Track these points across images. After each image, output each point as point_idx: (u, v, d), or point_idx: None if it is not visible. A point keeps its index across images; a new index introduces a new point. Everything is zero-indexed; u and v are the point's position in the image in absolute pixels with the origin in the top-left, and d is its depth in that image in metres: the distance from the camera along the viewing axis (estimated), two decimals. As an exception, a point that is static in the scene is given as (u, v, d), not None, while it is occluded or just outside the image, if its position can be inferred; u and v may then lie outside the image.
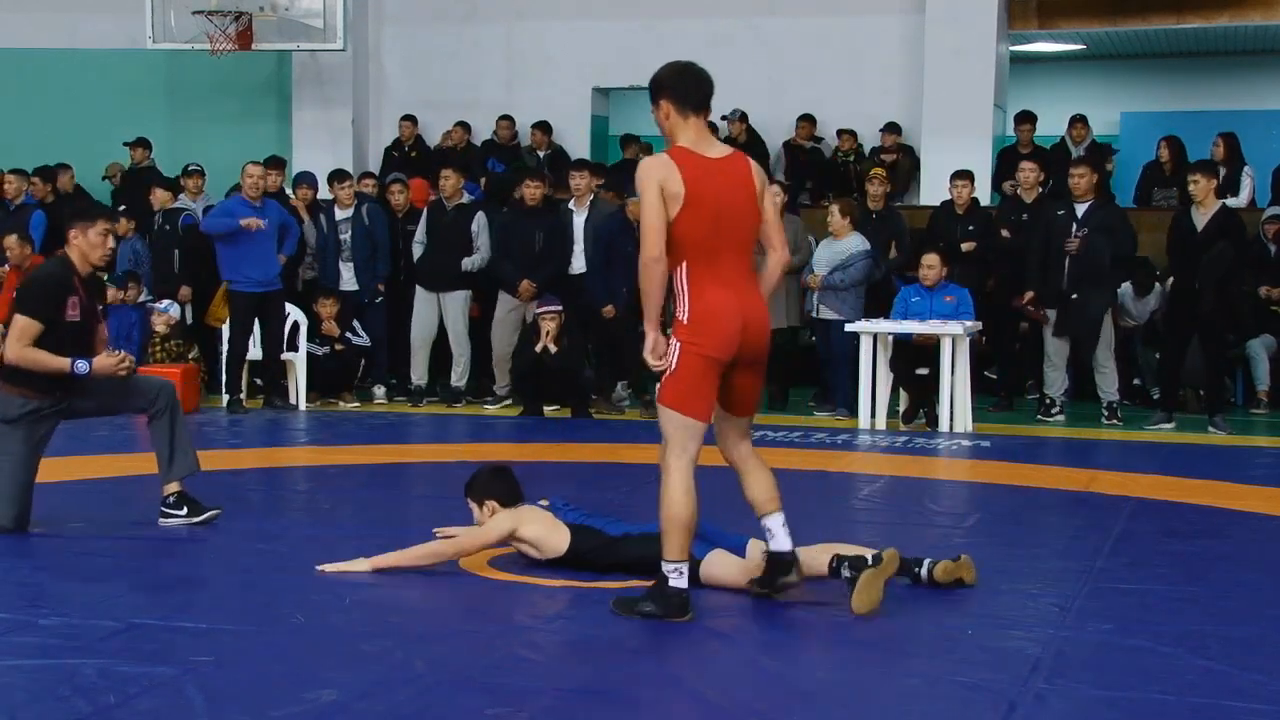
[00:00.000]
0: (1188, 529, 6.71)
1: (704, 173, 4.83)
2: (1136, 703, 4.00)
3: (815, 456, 8.85)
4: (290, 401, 11.14)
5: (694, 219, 4.78)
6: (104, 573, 5.55)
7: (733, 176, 4.91)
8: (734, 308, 4.81)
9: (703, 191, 4.80)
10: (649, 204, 4.78)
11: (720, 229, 4.83)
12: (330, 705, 3.88)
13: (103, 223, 6.29)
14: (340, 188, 11.78)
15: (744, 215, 4.90)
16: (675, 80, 4.98)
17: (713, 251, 4.83)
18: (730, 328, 4.80)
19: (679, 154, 4.86)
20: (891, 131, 13.82)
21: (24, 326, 6.11)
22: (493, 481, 5.76)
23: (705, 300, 4.80)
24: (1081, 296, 10.25)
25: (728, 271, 4.85)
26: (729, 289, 4.83)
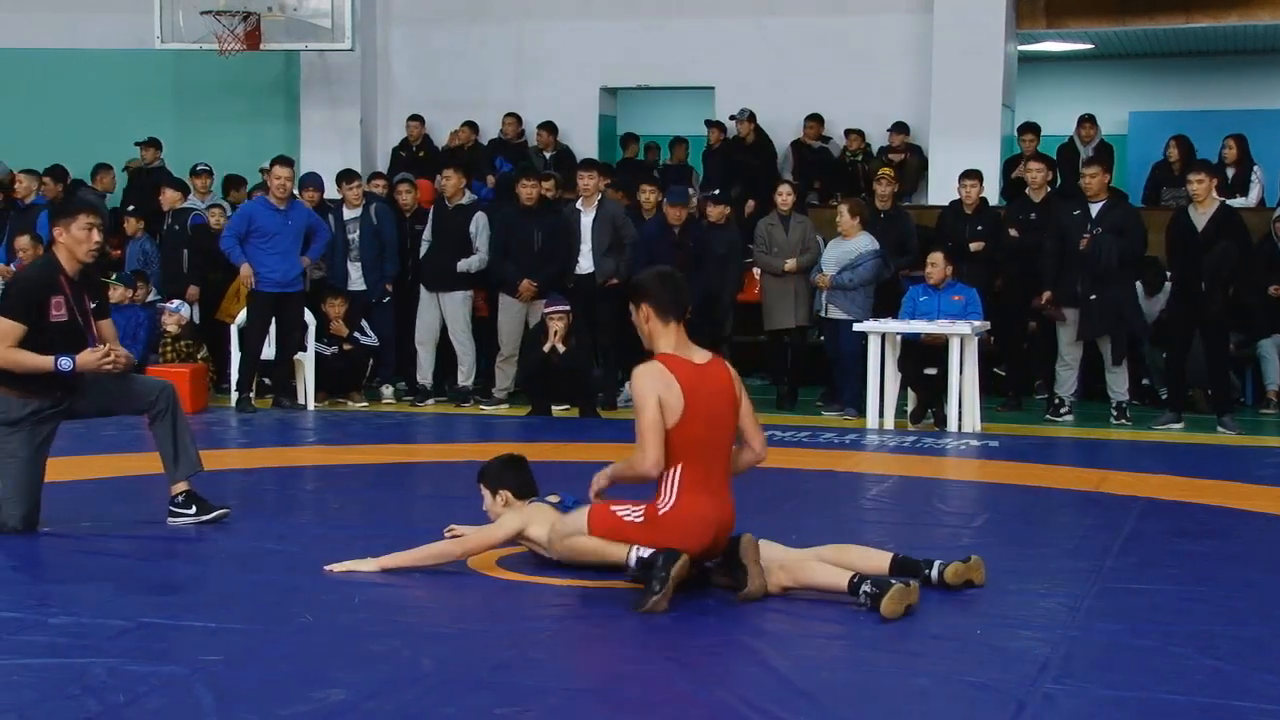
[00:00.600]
0: (1197, 529, 6.70)
1: (697, 381, 5.07)
2: (1145, 702, 4.00)
3: (823, 456, 8.85)
4: (298, 401, 11.15)
5: (691, 427, 5.02)
6: (113, 572, 5.56)
7: (716, 383, 5.14)
8: (712, 521, 5.07)
9: (698, 400, 5.03)
10: (649, 417, 4.98)
11: (710, 436, 5.08)
12: (339, 704, 3.88)
13: (84, 216, 6.16)
14: (348, 188, 11.79)
15: (730, 422, 5.17)
16: (657, 288, 5.20)
17: (705, 458, 5.07)
18: (703, 539, 5.06)
19: (672, 363, 5.08)
20: (899, 131, 13.81)
21: (5, 329, 6.05)
22: (507, 471, 5.78)
23: (690, 507, 5.05)
24: (1100, 296, 10.24)
25: (714, 478, 5.12)
26: (713, 498, 5.09)
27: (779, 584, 5.11)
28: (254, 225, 10.81)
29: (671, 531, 5.03)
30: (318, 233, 11.19)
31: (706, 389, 5.09)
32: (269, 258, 10.75)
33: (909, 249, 11.31)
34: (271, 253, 10.76)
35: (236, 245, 10.82)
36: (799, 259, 11.05)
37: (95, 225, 6.19)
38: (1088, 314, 10.34)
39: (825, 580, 5.07)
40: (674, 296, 5.18)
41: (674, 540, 5.00)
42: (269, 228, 10.79)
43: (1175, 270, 10.49)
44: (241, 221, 10.94)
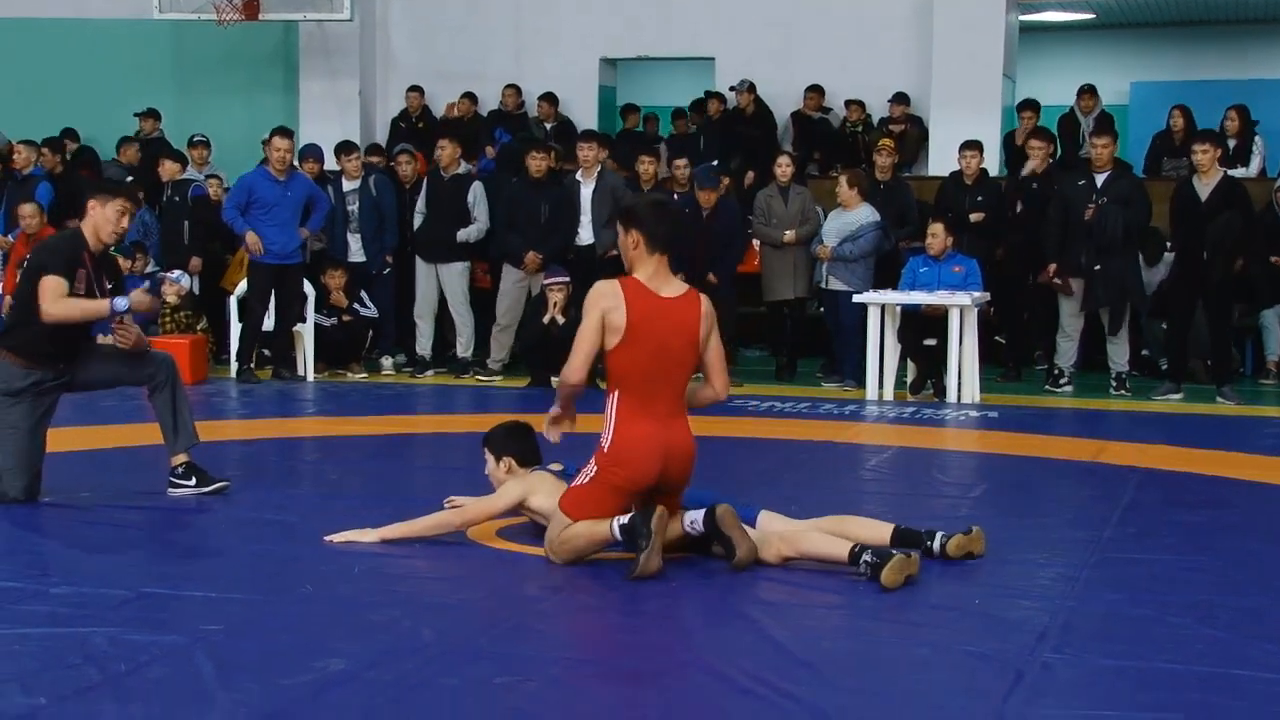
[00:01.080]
0: (1196, 499, 6.71)
1: (652, 311, 5.05)
2: (1144, 671, 4.01)
3: (823, 427, 8.86)
4: (298, 372, 11.15)
5: (631, 355, 5.04)
6: (113, 542, 5.57)
7: (679, 318, 5.11)
8: (658, 443, 5.04)
9: (645, 331, 5.02)
10: (586, 327, 5.04)
11: (656, 367, 5.06)
12: (339, 674, 3.89)
13: (122, 200, 6.22)
14: (348, 159, 11.77)
15: (682, 358, 5.13)
16: (651, 215, 5.17)
17: (645, 387, 5.06)
18: (649, 464, 5.03)
19: (632, 288, 5.08)
20: (900, 102, 13.76)
21: (54, 284, 6.05)
22: (512, 438, 5.77)
23: (630, 434, 5.03)
24: (1104, 267, 10.23)
25: (657, 406, 5.08)
26: (656, 423, 5.05)
27: (779, 554, 5.12)
28: (254, 196, 10.80)
29: (620, 463, 5.03)
30: (318, 204, 11.17)
31: (663, 322, 5.07)
32: (269, 229, 10.74)
33: (909, 220, 11.29)
34: (271, 224, 10.76)
35: (239, 216, 10.81)
36: (798, 230, 11.04)
37: (128, 212, 6.27)
38: (1092, 285, 10.33)
39: (826, 551, 5.08)
40: (666, 229, 5.17)
41: (626, 471, 5.02)
42: (269, 199, 10.78)
43: (1178, 241, 10.48)
44: (242, 192, 10.93)
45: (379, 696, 3.73)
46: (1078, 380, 10.72)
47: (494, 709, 3.68)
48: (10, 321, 6.35)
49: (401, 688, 3.80)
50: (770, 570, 5.07)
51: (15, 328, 6.24)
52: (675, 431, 5.11)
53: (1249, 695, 3.82)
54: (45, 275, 6.08)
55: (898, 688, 3.92)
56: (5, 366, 6.18)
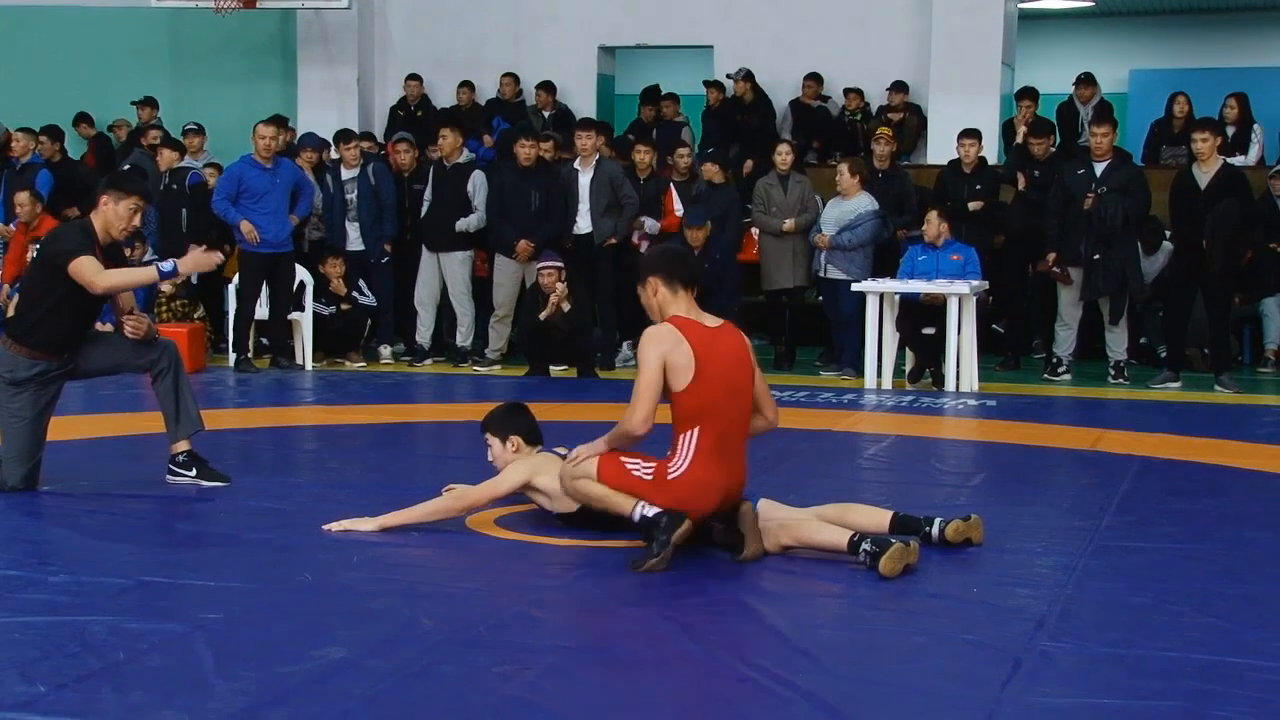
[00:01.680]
0: (1194, 487, 6.72)
1: (710, 343, 5.03)
2: (1142, 659, 4.02)
3: (822, 416, 8.86)
4: (296, 361, 11.16)
5: (702, 390, 4.98)
6: (113, 531, 5.57)
7: (730, 347, 5.12)
8: (722, 488, 5.04)
9: (712, 362, 5.00)
10: (647, 379, 4.97)
11: (727, 399, 5.04)
12: (338, 662, 3.90)
13: (136, 198, 6.21)
14: (346, 148, 11.75)
15: (746, 387, 5.13)
16: (663, 260, 5.22)
17: (721, 421, 5.02)
18: (708, 506, 5.04)
19: (683, 323, 5.05)
20: (899, 90, 13.75)
21: (88, 263, 6.03)
22: (514, 417, 5.73)
23: (701, 476, 5.00)
24: (1104, 256, 10.23)
25: (732, 443, 5.07)
26: (726, 465, 5.05)
27: (779, 543, 5.13)
28: (243, 185, 10.79)
29: (679, 495, 4.99)
30: (303, 190, 11.18)
31: (720, 352, 5.05)
32: (260, 218, 10.73)
33: (907, 209, 11.28)
34: (262, 213, 10.75)
35: (230, 206, 10.80)
36: (797, 219, 11.03)
37: (139, 210, 6.26)
38: (1092, 274, 10.33)
39: (826, 539, 5.08)
40: (681, 266, 5.18)
41: (680, 503, 4.98)
42: (258, 187, 10.77)
43: (1177, 229, 10.47)
44: (231, 183, 10.91)
45: (378, 685, 3.74)
46: (1076, 369, 10.73)
47: (493, 697, 3.68)
48: (17, 312, 6.35)
49: (401, 676, 3.81)
50: (769, 559, 5.08)
51: (22, 317, 6.25)
52: (736, 473, 5.12)
53: (1246, 683, 3.83)
54: (73, 259, 6.05)
55: (896, 676, 3.92)
56: (11, 356, 6.18)
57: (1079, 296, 10.51)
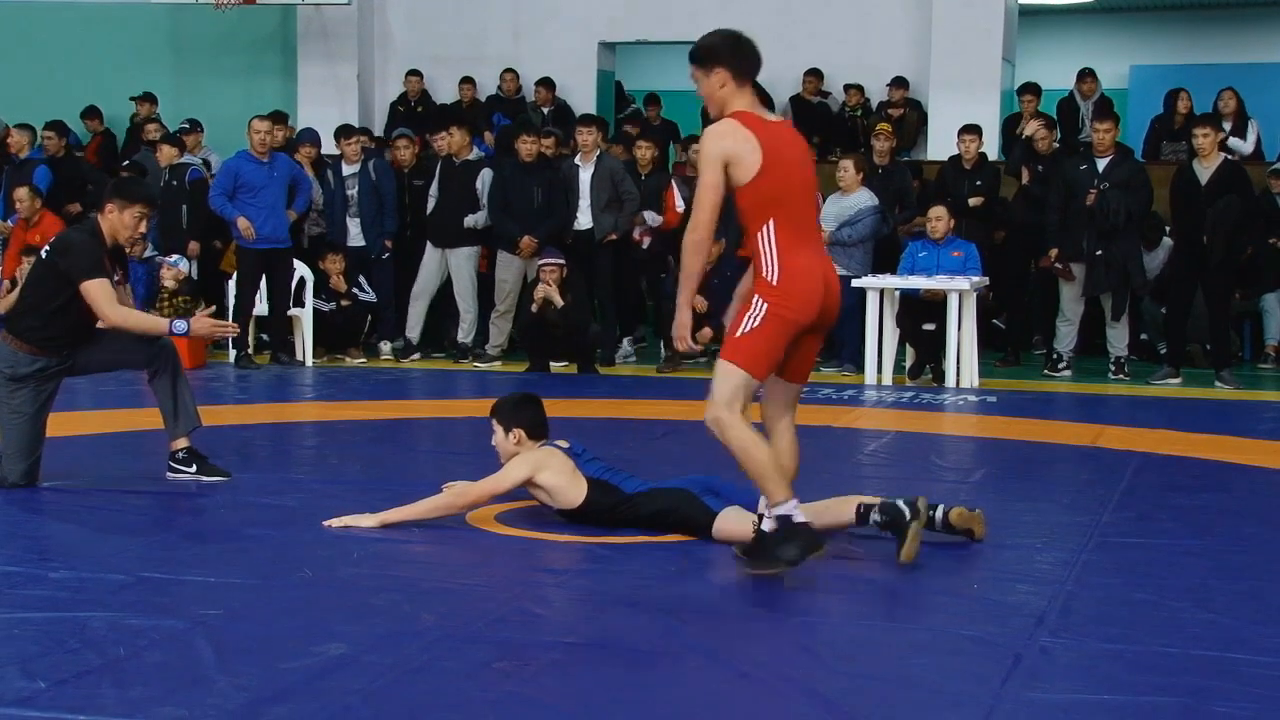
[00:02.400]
0: (1193, 483, 6.72)
1: (775, 134, 4.80)
2: (1141, 655, 4.02)
3: (822, 412, 8.86)
4: (297, 357, 11.16)
5: (776, 179, 4.72)
6: (113, 527, 5.57)
7: (795, 139, 4.93)
8: (818, 270, 4.78)
9: (779, 152, 4.75)
10: (709, 179, 4.71)
11: (799, 190, 4.80)
12: (339, 658, 3.90)
13: (140, 206, 6.20)
14: (347, 143, 11.75)
15: (810, 177, 4.92)
16: (733, 48, 4.94)
17: (797, 210, 4.77)
18: (816, 290, 4.73)
19: (746, 118, 4.80)
20: (899, 86, 13.74)
21: (101, 289, 6.04)
22: (522, 409, 5.67)
23: (795, 262, 4.72)
24: (1106, 252, 10.23)
25: (808, 232, 4.85)
26: (812, 250, 4.82)
27: None
28: (240, 180, 10.80)
29: (790, 294, 4.68)
30: (300, 185, 11.18)
31: (787, 142, 4.84)
32: (256, 213, 10.74)
33: (907, 204, 11.28)
34: (259, 208, 10.76)
35: (227, 202, 10.81)
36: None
37: (145, 217, 6.27)
38: (1094, 270, 10.33)
39: (832, 519, 5.12)
40: (751, 58, 4.95)
41: (796, 302, 4.69)
42: (255, 181, 10.78)
43: (1178, 225, 10.47)
44: (228, 178, 10.91)
45: (379, 680, 3.74)
46: (1076, 365, 10.73)
47: (494, 693, 3.68)
48: (19, 308, 6.34)
49: (401, 671, 3.81)
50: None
51: (24, 314, 6.23)
52: (827, 259, 4.93)
53: (1246, 679, 3.83)
54: (87, 280, 6.05)
55: (896, 672, 3.92)
56: (11, 352, 6.18)
57: (1081, 292, 10.51)
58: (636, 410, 8.87)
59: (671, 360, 10.82)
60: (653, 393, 9.69)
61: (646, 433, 8.00)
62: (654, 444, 7.69)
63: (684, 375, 10.57)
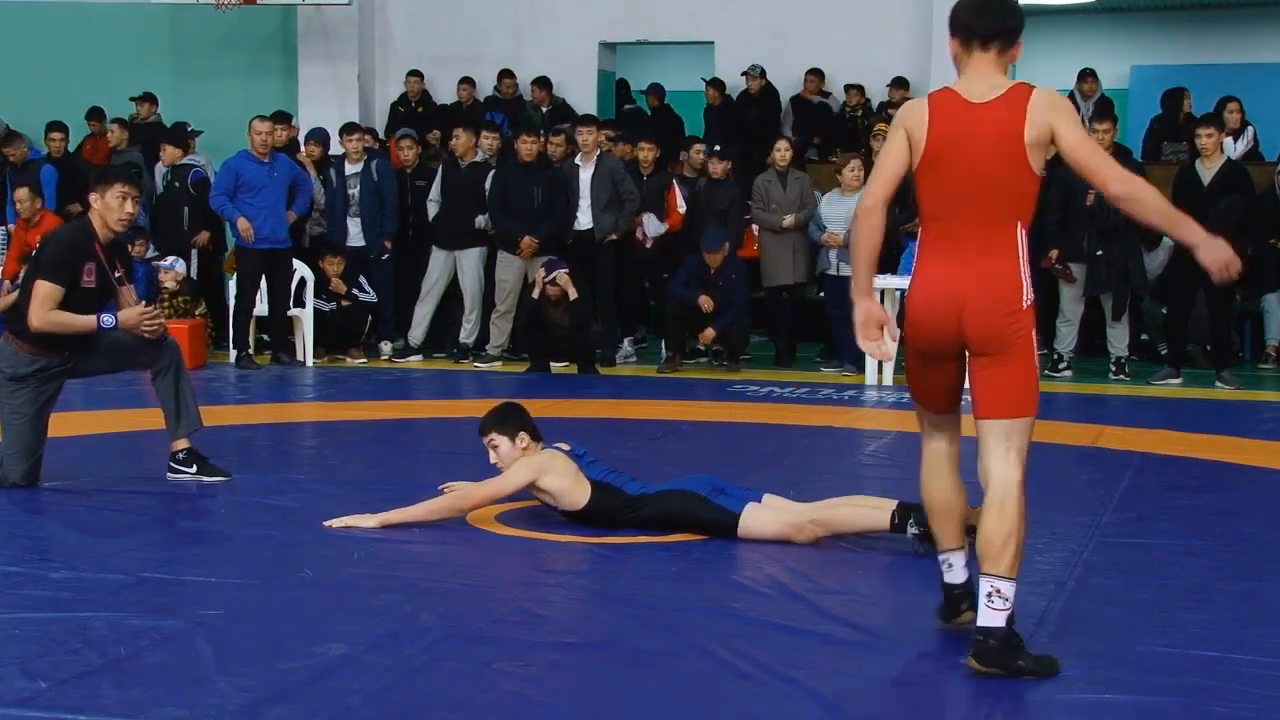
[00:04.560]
0: (1194, 484, 6.72)
1: (960, 125, 4.02)
2: (1142, 655, 4.02)
3: (822, 412, 8.86)
4: (297, 358, 11.16)
5: (932, 180, 4.03)
6: (114, 527, 5.57)
7: (992, 125, 3.99)
8: (944, 294, 3.94)
9: (949, 149, 3.99)
10: (889, 146, 4.10)
11: (963, 194, 3.97)
12: (339, 658, 3.90)
13: (120, 185, 6.18)
14: (350, 139, 11.74)
15: (1001, 178, 3.96)
16: (963, 9, 4.33)
17: (947, 221, 4.00)
18: (925, 317, 3.98)
19: (939, 99, 4.15)
20: (899, 86, 13.72)
21: (47, 291, 6.05)
22: (516, 414, 5.65)
23: (918, 279, 4.05)
24: (1106, 252, 10.23)
25: (958, 241, 3.97)
26: (954, 263, 3.96)
27: (814, 535, 5.14)
28: (240, 180, 10.80)
29: (911, 317, 4.04)
30: (301, 186, 11.18)
31: (974, 131, 3.99)
32: (256, 213, 10.74)
33: (907, 204, 11.27)
34: (260, 208, 10.75)
35: (228, 202, 10.81)
36: (797, 215, 11.03)
37: (130, 195, 6.20)
38: (1094, 270, 10.33)
39: (865, 523, 5.15)
40: (983, 12, 4.29)
41: (910, 329, 4.06)
42: (255, 181, 10.78)
43: (1181, 225, 10.45)
44: (229, 178, 10.91)
45: (379, 681, 3.74)
46: (1077, 365, 10.73)
47: (494, 693, 3.69)
48: (19, 309, 6.34)
49: (401, 672, 3.81)
50: (770, 555, 5.08)
51: (23, 315, 6.21)
52: (985, 272, 3.92)
53: (1247, 679, 3.83)
54: (40, 280, 6.06)
55: (895, 672, 3.92)
56: (12, 353, 6.19)
57: (1082, 292, 10.51)
58: (637, 411, 8.87)
59: (672, 361, 10.82)
60: (653, 393, 9.68)
61: (647, 433, 8.00)
62: (654, 444, 7.69)
63: (684, 376, 10.58)
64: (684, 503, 5.35)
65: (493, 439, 5.58)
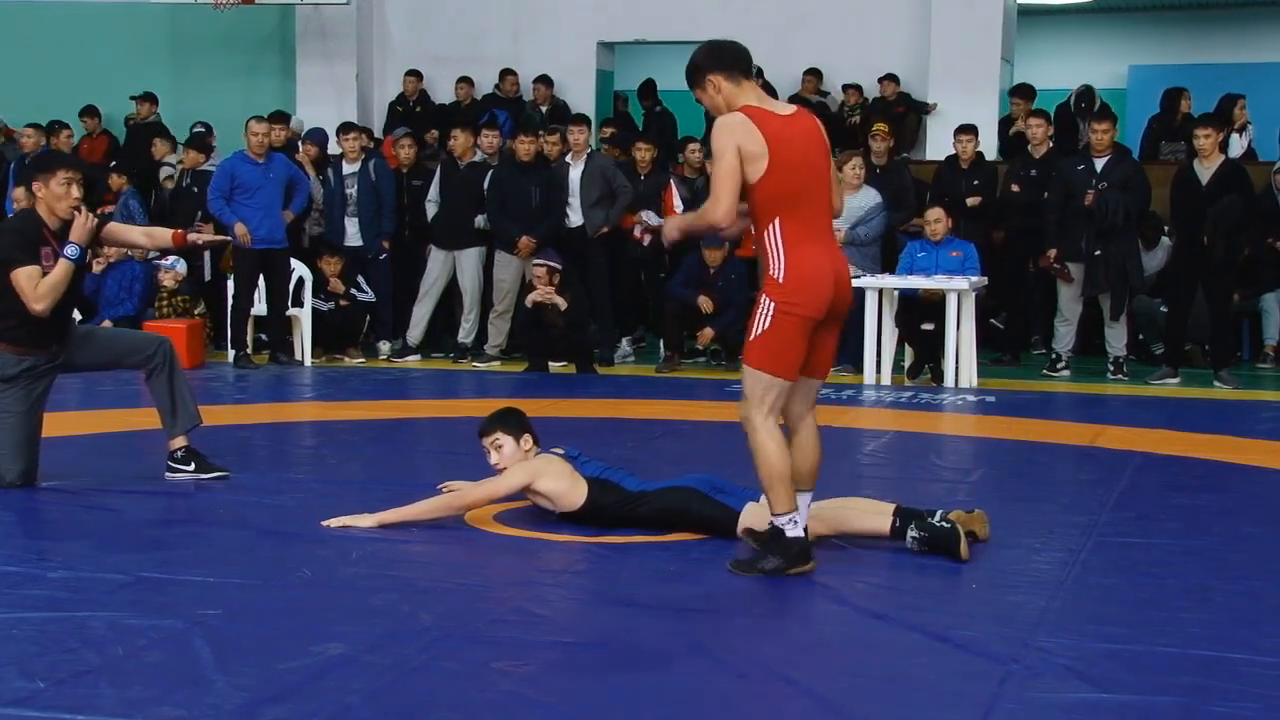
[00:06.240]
0: (1192, 483, 6.72)
1: (783, 128, 4.75)
2: (1140, 655, 4.02)
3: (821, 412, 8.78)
4: (295, 357, 11.16)
5: (782, 175, 4.71)
6: (111, 527, 5.57)
7: (806, 132, 4.84)
8: (827, 264, 4.77)
9: (787, 147, 4.73)
10: (725, 168, 4.70)
11: (807, 184, 4.77)
12: (337, 658, 3.90)
13: (62, 172, 6.10)
14: (346, 138, 11.73)
15: (824, 170, 4.85)
16: (712, 54, 4.91)
17: (803, 207, 4.76)
18: (824, 285, 4.75)
19: (754, 112, 4.77)
20: (889, 80, 13.72)
21: (28, 275, 6.03)
22: (517, 416, 5.66)
23: (801, 258, 4.73)
24: (1104, 252, 10.23)
25: (817, 227, 4.81)
26: (819, 245, 4.79)
27: (814, 533, 5.15)
28: (237, 181, 10.79)
29: (798, 290, 4.71)
30: (298, 185, 11.17)
31: (795, 137, 4.77)
32: (252, 214, 10.73)
33: (906, 204, 11.28)
34: (256, 208, 10.75)
35: (225, 206, 10.78)
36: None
37: (74, 180, 6.12)
38: (1092, 270, 10.33)
39: (866, 526, 5.18)
40: (736, 57, 4.89)
41: (805, 298, 4.72)
42: (251, 182, 10.78)
43: (1178, 225, 10.47)
44: (224, 179, 10.89)
45: (377, 680, 3.74)
46: (1075, 365, 10.73)
47: (492, 693, 3.68)
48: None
49: (400, 672, 3.81)
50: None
51: (2, 317, 6.16)
52: (836, 253, 4.88)
53: (1245, 678, 3.83)
54: (15, 270, 6.03)
55: (895, 671, 3.92)
56: (0, 356, 6.15)
57: (1080, 292, 10.51)
58: (635, 410, 8.86)
59: (670, 361, 10.82)
60: (652, 393, 9.68)
61: (645, 433, 7.99)
62: (653, 444, 7.69)
63: (683, 375, 10.58)
64: (684, 499, 5.36)
65: (497, 438, 5.59)
